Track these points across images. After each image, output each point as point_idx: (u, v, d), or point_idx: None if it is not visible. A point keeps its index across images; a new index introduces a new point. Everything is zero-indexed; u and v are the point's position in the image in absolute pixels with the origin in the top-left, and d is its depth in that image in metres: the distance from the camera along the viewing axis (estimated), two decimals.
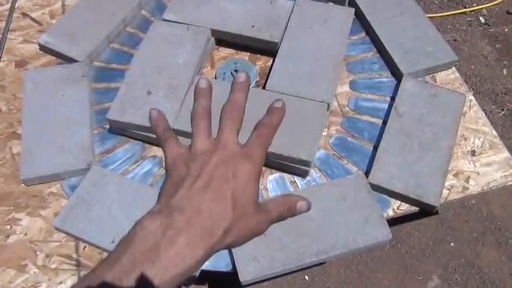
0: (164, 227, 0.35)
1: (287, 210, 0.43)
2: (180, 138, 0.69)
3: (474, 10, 1.76)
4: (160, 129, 0.47)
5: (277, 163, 0.68)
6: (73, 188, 0.67)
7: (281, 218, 0.43)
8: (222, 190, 0.38)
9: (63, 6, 0.91)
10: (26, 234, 0.65)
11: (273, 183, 0.68)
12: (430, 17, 1.56)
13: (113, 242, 0.60)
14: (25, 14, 0.89)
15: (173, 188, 0.39)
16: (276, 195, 0.67)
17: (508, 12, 1.74)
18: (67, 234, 0.63)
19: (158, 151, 0.72)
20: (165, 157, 0.43)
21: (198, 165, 0.40)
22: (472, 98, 0.78)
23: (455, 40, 1.65)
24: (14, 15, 0.89)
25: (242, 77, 0.47)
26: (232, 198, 0.38)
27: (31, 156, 0.69)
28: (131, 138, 0.73)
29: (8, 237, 0.64)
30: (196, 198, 0.37)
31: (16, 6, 0.90)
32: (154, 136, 0.69)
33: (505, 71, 1.55)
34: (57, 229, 0.64)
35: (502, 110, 1.45)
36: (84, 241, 0.63)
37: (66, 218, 0.63)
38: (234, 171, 0.39)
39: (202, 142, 0.43)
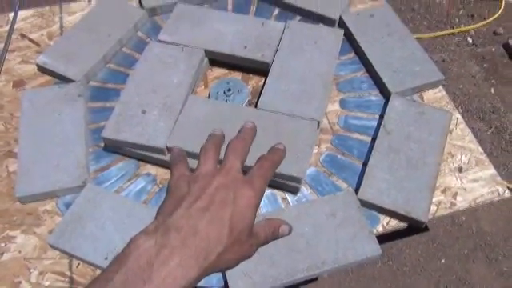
0: (159, 246, 0.35)
1: (272, 233, 0.44)
2: None
3: (461, 31, 1.80)
4: (174, 155, 0.48)
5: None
6: (67, 205, 0.68)
7: (266, 242, 0.44)
8: (221, 213, 0.38)
9: (61, 27, 0.93)
10: (20, 252, 0.65)
11: (264, 200, 0.70)
12: (418, 37, 1.59)
13: (106, 258, 0.61)
14: (23, 36, 0.91)
15: (172, 206, 0.39)
16: (268, 212, 0.68)
17: (495, 33, 1.79)
18: (61, 251, 0.64)
19: (151, 169, 0.73)
20: (170, 178, 0.44)
21: (200, 186, 0.40)
22: (459, 115, 0.80)
23: (444, 60, 1.68)
24: (13, 36, 0.91)
25: (250, 125, 0.49)
26: (230, 223, 0.38)
27: (27, 174, 0.70)
28: (126, 156, 0.74)
29: (2, 254, 0.65)
30: (194, 218, 0.38)
31: (15, 27, 0.92)
32: (149, 154, 0.71)
33: (492, 90, 1.59)
34: (51, 246, 0.64)
35: (490, 127, 1.48)
36: (78, 258, 0.63)
37: (60, 235, 0.64)
38: (234, 196, 0.40)
39: (206, 165, 0.43)
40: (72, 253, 0.63)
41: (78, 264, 0.64)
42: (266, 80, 0.79)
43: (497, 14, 1.84)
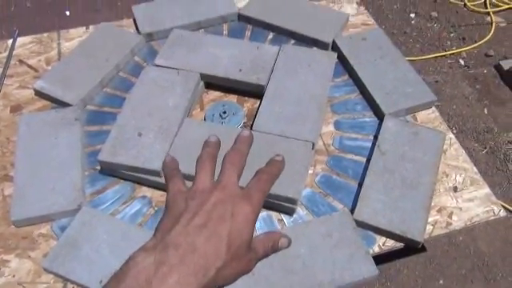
0: (157, 263, 0.35)
1: (271, 246, 0.44)
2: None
3: (453, 53, 1.84)
4: (168, 168, 0.48)
5: (264, 201, 0.69)
6: (63, 229, 0.68)
7: (266, 255, 0.44)
8: (219, 229, 0.38)
9: (59, 53, 0.94)
10: (14, 276, 0.64)
11: (260, 221, 0.70)
12: (412, 60, 1.62)
13: (101, 282, 0.60)
14: (22, 61, 0.93)
15: (170, 223, 0.39)
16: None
17: (486, 55, 1.82)
18: (56, 274, 0.64)
19: (147, 191, 0.73)
20: (167, 193, 0.44)
21: (197, 202, 0.40)
22: (452, 136, 0.81)
23: (437, 81, 1.71)
24: (12, 62, 0.92)
25: (246, 133, 0.49)
26: (228, 239, 0.38)
27: (22, 198, 0.70)
28: (122, 178, 0.74)
29: None
30: (192, 235, 0.37)
31: (14, 53, 0.94)
32: (145, 177, 0.71)
33: (485, 110, 1.61)
34: (45, 270, 0.64)
35: (485, 147, 1.49)
36: (72, 282, 0.63)
37: (54, 258, 0.63)
38: (232, 211, 0.40)
39: (203, 181, 0.43)
40: (66, 276, 0.63)
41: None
42: (261, 102, 0.80)
43: (487, 37, 1.88)
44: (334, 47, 0.92)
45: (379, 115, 0.82)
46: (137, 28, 0.96)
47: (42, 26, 1.84)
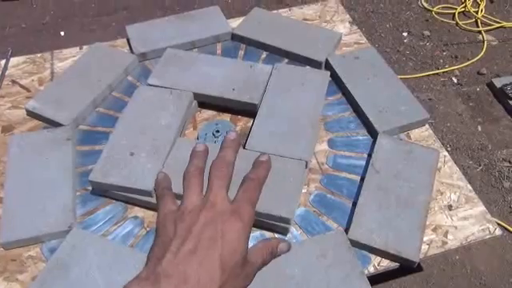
0: None
1: (269, 253, 0.43)
2: None
3: (446, 71, 1.86)
4: (160, 187, 0.47)
5: (257, 221, 0.69)
6: (52, 251, 0.66)
7: (265, 264, 0.43)
8: (210, 252, 0.38)
9: (52, 73, 0.94)
10: None
11: (253, 241, 0.68)
12: (405, 78, 1.64)
13: None
14: (14, 82, 0.93)
15: (161, 251, 0.39)
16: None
17: (479, 73, 1.84)
18: None
19: (139, 212, 0.72)
20: (157, 214, 0.43)
21: (186, 225, 0.40)
22: (446, 153, 0.81)
23: (430, 99, 1.72)
24: (4, 82, 0.92)
25: (232, 135, 0.49)
26: (220, 261, 0.38)
27: (12, 219, 0.68)
28: (114, 199, 0.73)
29: None
30: (183, 263, 0.37)
31: (6, 73, 0.94)
32: (137, 197, 0.71)
33: (479, 128, 1.62)
34: None
35: (479, 165, 1.49)
36: None
37: (43, 282, 0.62)
38: (222, 230, 0.39)
39: (191, 199, 0.43)
40: None
41: None
42: (254, 121, 0.80)
43: (479, 55, 1.90)
44: (328, 66, 0.93)
45: (373, 133, 0.82)
46: (130, 48, 0.97)
47: (36, 47, 1.85)
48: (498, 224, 0.73)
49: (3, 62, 0.96)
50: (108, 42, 1.00)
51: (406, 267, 0.67)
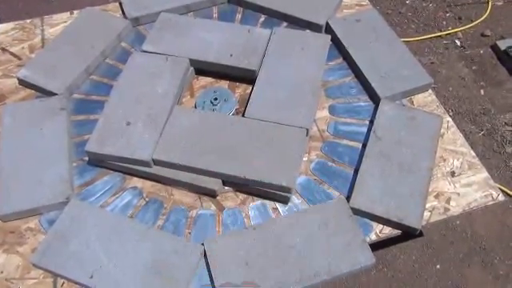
0: None
1: None
2: (158, 168, 0.69)
3: (449, 34, 1.80)
4: None
5: (258, 190, 0.68)
6: (51, 222, 0.66)
7: None
8: None
9: (43, 40, 0.91)
10: (1, 272, 0.63)
11: (254, 211, 0.68)
12: (406, 41, 1.59)
13: (91, 277, 0.59)
14: (4, 49, 0.89)
15: None
16: (258, 223, 0.66)
17: (482, 35, 1.79)
18: (45, 270, 0.62)
19: (138, 182, 0.71)
20: None
21: None
22: (449, 119, 0.79)
23: (432, 63, 1.68)
24: None
25: None
26: None
27: (8, 191, 0.67)
28: (111, 169, 0.72)
29: None
30: None
31: None
32: (135, 167, 0.69)
33: (482, 92, 1.59)
34: (34, 265, 0.62)
35: (481, 130, 1.47)
36: (62, 277, 0.61)
37: (43, 253, 0.61)
38: None
39: None
40: (56, 272, 0.61)
41: (63, 283, 0.61)
42: (253, 88, 0.77)
43: (484, 17, 1.85)
44: (328, 29, 0.90)
45: (375, 99, 0.80)
46: (123, 12, 0.93)
47: (25, 12, 1.79)
48: (501, 190, 0.72)
49: None
50: (99, 7, 0.96)
51: (408, 234, 0.67)
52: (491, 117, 1.52)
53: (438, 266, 1.22)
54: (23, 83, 0.82)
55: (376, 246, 0.66)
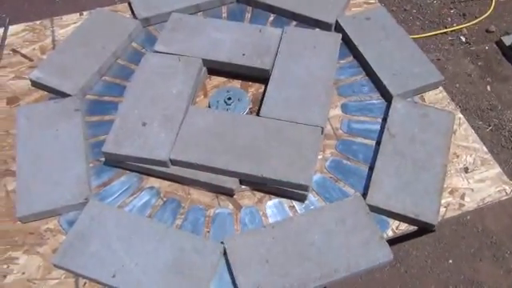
0: None
1: None
2: (175, 167, 0.69)
3: (454, 30, 1.81)
4: None
5: (275, 189, 0.68)
6: (70, 223, 0.66)
7: None
8: None
9: (53, 41, 0.91)
10: (23, 273, 0.63)
11: (272, 209, 0.68)
12: (412, 38, 1.60)
13: (113, 276, 0.59)
14: (15, 51, 0.90)
15: None
16: (276, 221, 0.66)
17: (487, 31, 1.79)
18: (66, 270, 0.62)
19: (155, 182, 0.71)
20: None
21: None
22: (461, 115, 0.80)
23: (439, 59, 1.68)
24: (5, 52, 0.89)
25: None
26: None
27: (27, 193, 0.68)
28: (127, 169, 0.73)
29: (5, 277, 0.63)
30: None
31: (6, 43, 0.91)
32: (152, 167, 0.70)
33: (488, 87, 1.59)
34: (55, 265, 0.62)
35: (489, 125, 1.48)
36: (84, 277, 0.62)
37: (64, 254, 0.62)
38: None
39: None
40: (78, 272, 0.61)
41: (85, 283, 0.62)
42: (266, 87, 0.78)
43: (488, 13, 1.85)
44: (338, 28, 0.90)
45: (387, 97, 0.80)
46: (133, 13, 0.93)
47: (32, 13, 1.79)
48: None
49: (1, 30, 0.92)
50: (109, 7, 0.97)
51: (423, 230, 0.68)
52: (498, 112, 1.53)
53: (450, 261, 1.23)
54: (36, 85, 0.83)
55: (389, 243, 0.66)
